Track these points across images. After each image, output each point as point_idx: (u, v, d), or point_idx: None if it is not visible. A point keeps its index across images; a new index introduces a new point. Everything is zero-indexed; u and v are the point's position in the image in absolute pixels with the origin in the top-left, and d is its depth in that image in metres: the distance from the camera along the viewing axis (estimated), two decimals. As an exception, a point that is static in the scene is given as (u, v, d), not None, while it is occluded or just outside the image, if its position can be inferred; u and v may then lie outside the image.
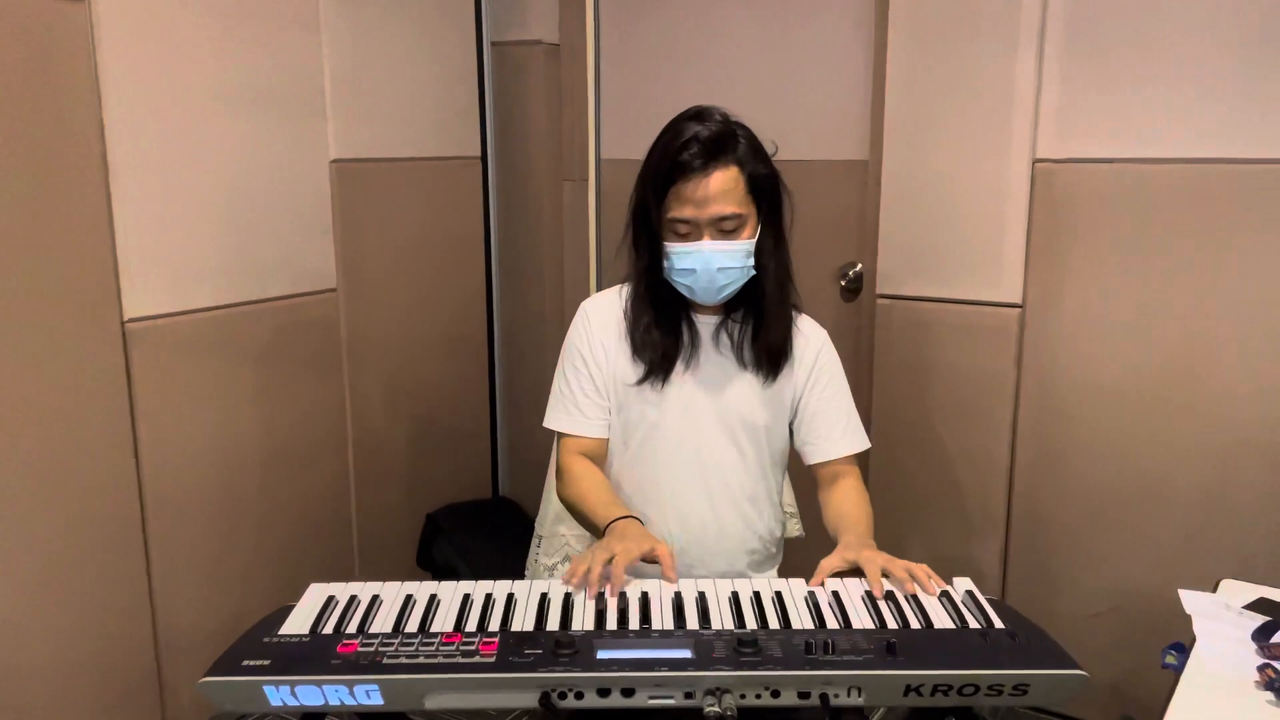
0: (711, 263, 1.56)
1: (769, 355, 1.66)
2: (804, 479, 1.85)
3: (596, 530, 1.61)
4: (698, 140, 1.54)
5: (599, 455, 1.74)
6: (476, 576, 1.46)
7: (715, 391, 1.68)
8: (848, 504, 1.68)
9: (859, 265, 2.56)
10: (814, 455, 1.73)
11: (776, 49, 2.60)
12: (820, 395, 1.72)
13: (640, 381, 1.67)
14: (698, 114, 1.60)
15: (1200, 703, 1.13)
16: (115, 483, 2.09)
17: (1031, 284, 2.24)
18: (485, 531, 2.88)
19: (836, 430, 1.72)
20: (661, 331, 1.65)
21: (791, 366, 1.70)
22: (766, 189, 1.59)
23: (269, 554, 2.41)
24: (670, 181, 1.54)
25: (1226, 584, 1.42)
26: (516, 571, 2.58)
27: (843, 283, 2.58)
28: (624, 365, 1.69)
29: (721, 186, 1.54)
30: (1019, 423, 2.30)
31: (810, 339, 1.73)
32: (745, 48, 2.64)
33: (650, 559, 1.46)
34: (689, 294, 1.62)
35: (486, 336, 2.99)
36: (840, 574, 1.48)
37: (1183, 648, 1.92)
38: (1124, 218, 2.11)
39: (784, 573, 1.85)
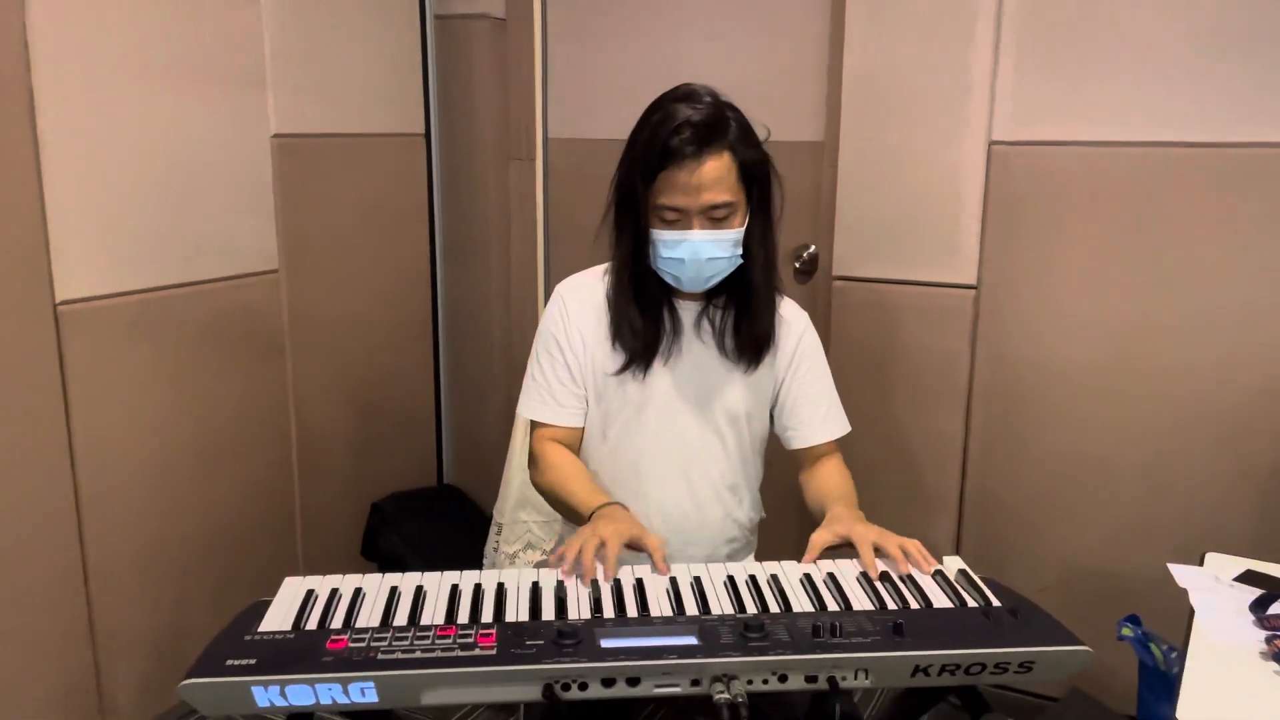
0: (700, 252, 1.51)
1: (753, 345, 1.64)
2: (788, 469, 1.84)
3: (577, 517, 1.57)
4: (690, 125, 1.47)
5: (573, 444, 1.69)
6: (425, 566, 1.41)
7: (697, 380, 1.65)
8: (832, 481, 1.68)
9: (813, 247, 2.56)
10: (796, 441, 1.72)
11: (731, 28, 2.58)
12: (802, 381, 1.71)
13: (620, 371, 1.63)
14: (688, 94, 1.54)
15: (1211, 674, 1.16)
16: (48, 473, 1.97)
17: (986, 266, 2.27)
18: (432, 520, 2.82)
19: (818, 416, 1.71)
20: (644, 320, 1.61)
21: (773, 353, 1.68)
22: (758, 175, 1.55)
23: (209, 545, 2.31)
24: (660, 167, 1.48)
25: (1212, 557, 1.45)
26: (468, 560, 2.53)
27: (797, 265, 2.58)
28: (603, 353, 1.65)
29: (714, 174, 1.48)
30: (973, 402, 2.33)
31: (792, 325, 1.71)
32: (699, 26, 2.61)
33: (638, 547, 1.43)
34: (674, 282, 1.58)
35: (431, 319, 2.92)
36: (832, 548, 1.47)
37: (1138, 620, 1.99)
38: (1077, 200, 2.15)
39: (757, 556, 1.85)
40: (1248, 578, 1.37)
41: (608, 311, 1.64)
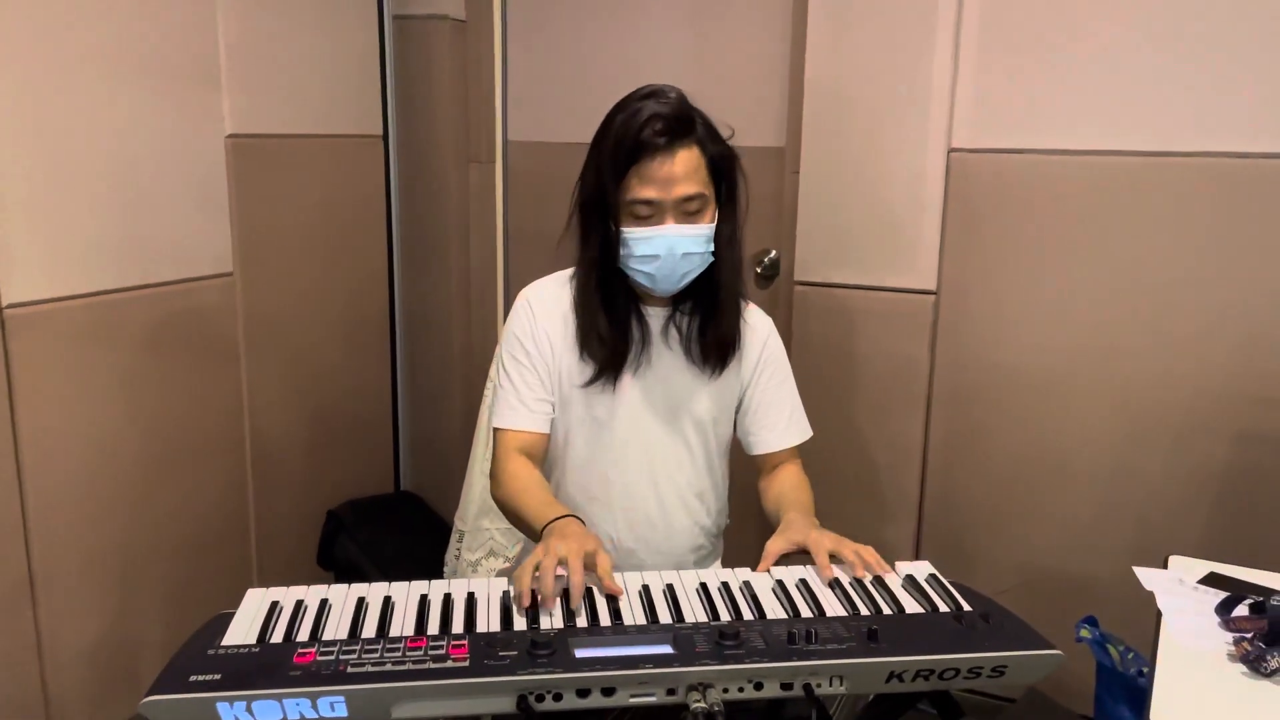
0: (676, 247, 1.50)
1: (718, 348, 1.63)
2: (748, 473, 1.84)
3: (532, 532, 1.54)
4: (660, 117, 1.48)
5: (539, 451, 1.66)
6: (383, 574, 1.39)
7: (664, 388, 1.64)
8: (788, 487, 1.68)
9: (774, 252, 2.57)
10: (758, 446, 1.72)
11: (692, 32, 2.58)
12: (766, 387, 1.71)
13: (590, 383, 1.61)
14: (653, 92, 1.54)
15: (1181, 676, 1.17)
16: (-6, 484, 1.91)
17: (945, 272, 2.29)
18: (389, 527, 2.78)
19: (781, 422, 1.71)
20: (612, 329, 1.59)
21: (739, 359, 1.67)
22: (725, 170, 1.55)
23: (162, 554, 2.25)
24: (632, 161, 1.48)
25: (1175, 560, 1.48)
26: (427, 568, 2.50)
27: (758, 269, 2.59)
28: (570, 360, 1.63)
29: (686, 166, 1.49)
30: (932, 407, 2.35)
31: (757, 330, 1.71)
32: (660, 30, 2.61)
33: (590, 564, 1.36)
34: (648, 282, 1.56)
35: (388, 324, 2.87)
36: (786, 554, 1.47)
37: (1095, 621, 2.01)
38: (1035, 207, 2.18)
39: (723, 563, 1.85)
40: (1212, 580, 1.40)
41: (574, 319, 1.62)
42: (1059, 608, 2.19)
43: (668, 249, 1.50)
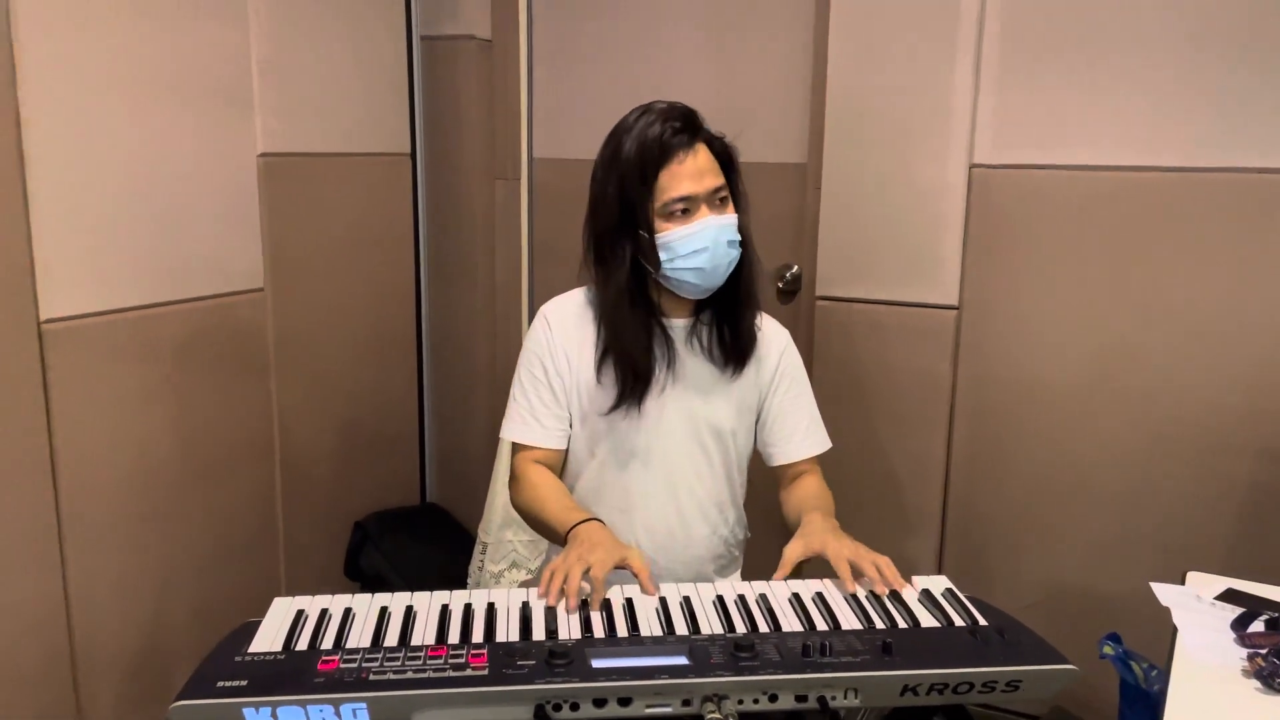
0: (721, 236, 1.55)
1: (737, 346, 1.66)
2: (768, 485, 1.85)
3: (554, 536, 1.57)
4: (673, 120, 1.56)
5: (555, 465, 1.70)
6: (408, 585, 1.42)
7: (687, 399, 1.66)
8: (809, 495, 1.69)
9: (796, 267, 2.58)
10: (778, 457, 1.73)
11: (715, 50, 2.61)
12: (784, 397, 1.73)
13: (614, 408, 1.63)
14: (648, 107, 1.61)
15: (1194, 692, 1.17)
16: (30, 491, 1.95)
17: (967, 287, 2.29)
18: (415, 539, 2.81)
19: (799, 433, 1.73)
20: (641, 351, 1.61)
21: (756, 368, 1.69)
22: (733, 165, 1.63)
23: (192, 564, 2.30)
24: (661, 165, 1.53)
25: (1193, 576, 1.48)
26: (452, 579, 2.53)
27: (780, 284, 2.60)
28: (588, 377, 1.65)
29: (708, 159, 1.57)
30: (954, 422, 2.36)
31: (773, 340, 1.73)
32: (683, 48, 2.64)
33: (623, 566, 1.43)
34: (696, 279, 1.57)
35: (415, 338, 2.91)
36: (804, 561, 1.48)
37: (1119, 639, 2.01)
38: (1056, 223, 2.18)
39: (743, 575, 1.86)
40: (1229, 596, 1.39)
41: (595, 337, 1.64)
42: (1082, 624, 2.19)
43: (713, 239, 1.55)
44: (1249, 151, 2.00)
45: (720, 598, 1.39)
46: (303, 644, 1.26)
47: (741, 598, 1.39)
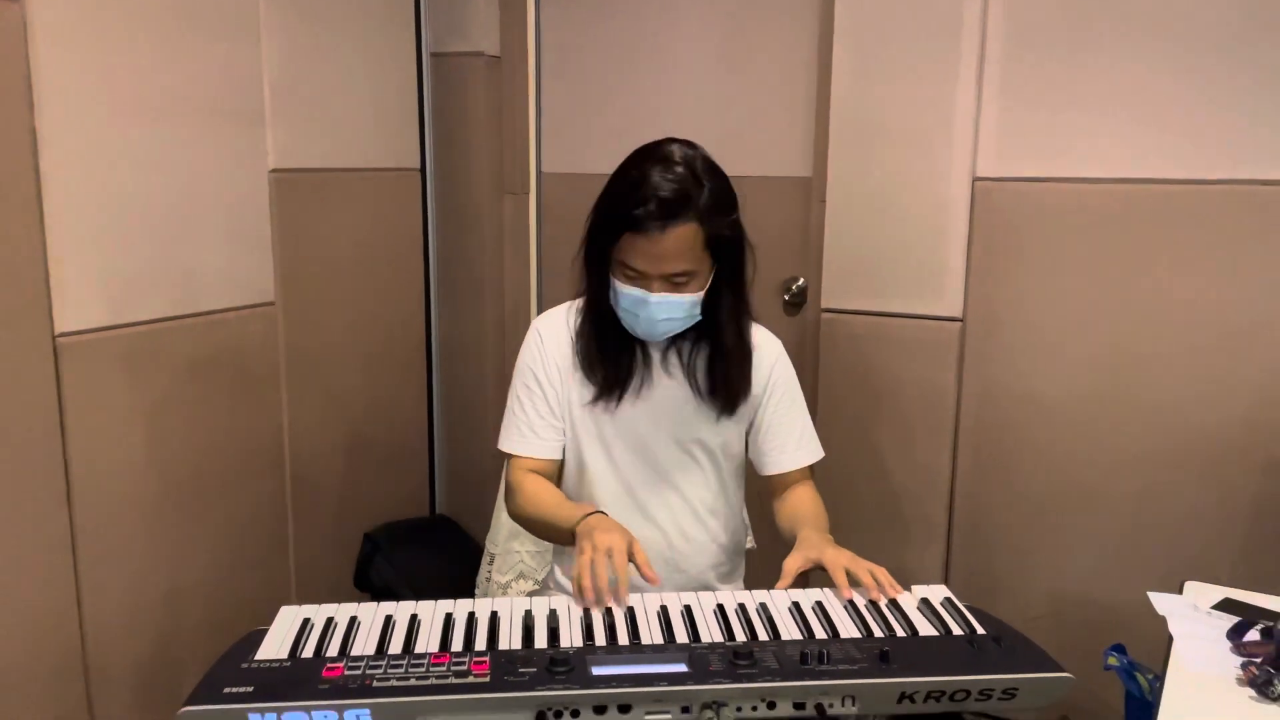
0: (655, 313, 1.54)
1: (727, 397, 1.66)
2: (752, 492, 1.87)
3: (560, 536, 1.60)
4: (657, 198, 1.48)
5: (551, 476, 1.72)
6: (417, 596, 1.43)
7: (669, 412, 1.67)
8: (802, 505, 1.70)
9: (802, 280, 2.60)
10: (769, 467, 1.75)
11: (721, 65, 2.63)
12: (776, 409, 1.73)
13: (594, 401, 1.65)
14: (664, 158, 1.55)
15: (1188, 699, 1.18)
16: (44, 504, 1.98)
17: (971, 299, 2.31)
18: (424, 550, 2.83)
19: (791, 443, 1.74)
20: (613, 354, 1.63)
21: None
22: (726, 243, 1.57)
23: (203, 575, 2.32)
24: (625, 229, 1.51)
25: (1191, 585, 1.48)
26: (460, 590, 2.55)
27: (786, 297, 2.62)
28: (577, 385, 1.68)
29: (677, 247, 1.50)
30: (959, 433, 2.37)
31: (765, 353, 1.72)
32: (689, 64, 2.67)
33: (631, 554, 1.44)
34: (634, 328, 1.60)
35: (425, 352, 2.94)
36: (804, 573, 1.49)
37: (1124, 649, 2.01)
38: (1060, 235, 2.20)
39: (745, 584, 1.87)
40: (1226, 605, 1.40)
41: (580, 334, 1.67)
42: (1088, 635, 2.19)
43: (647, 314, 1.55)
44: (1251, 163, 2.01)
45: (720, 606, 1.41)
46: (308, 651, 1.28)
47: (742, 606, 1.41)
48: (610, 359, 1.64)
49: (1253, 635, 1.29)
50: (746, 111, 2.61)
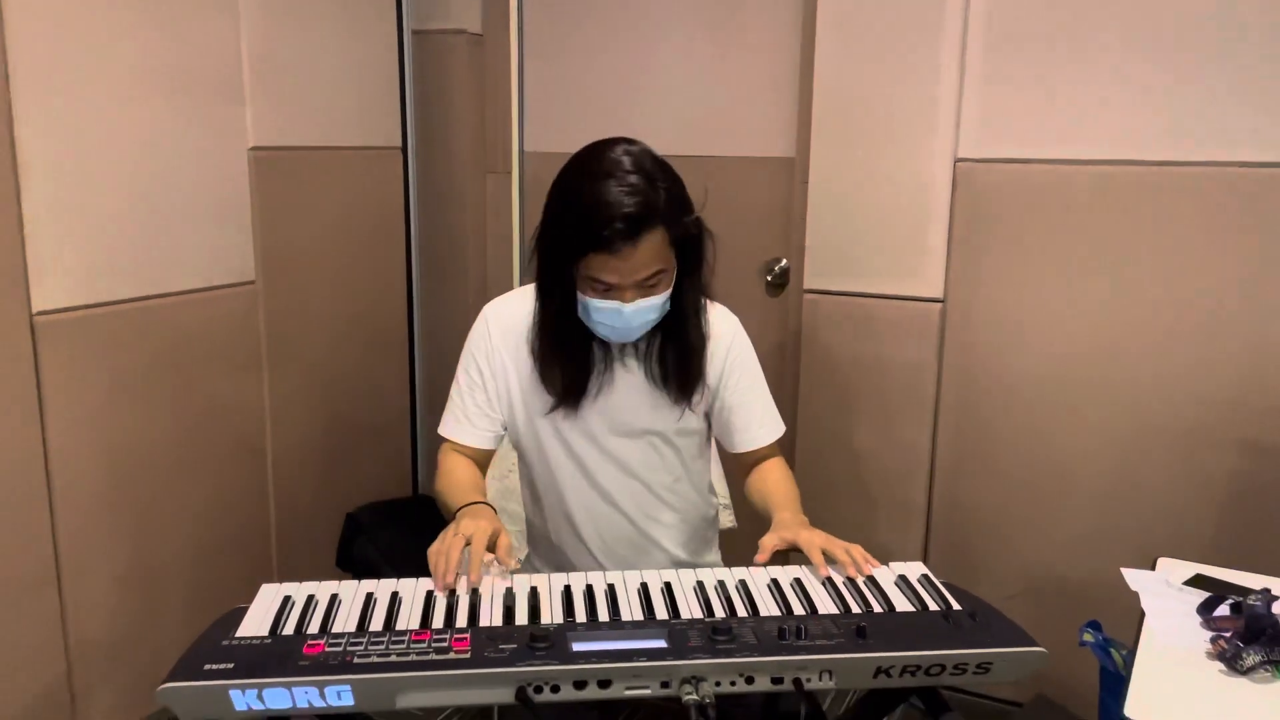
0: (632, 320, 1.53)
1: (682, 386, 1.65)
2: (731, 470, 1.88)
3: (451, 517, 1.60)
4: (623, 214, 1.44)
5: (482, 464, 1.74)
6: (399, 575, 1.44)
7: (629, 405, 1.67)
8: (772, 482, 1.71)
9: (784, 261, 2.61)
10: (737, 446, 1.75)
11: (705, 45, 2.63)
12: (735, 389, 1.71)
13: (551, 411, 1.64)
14: (613, 167, 1.48)
15: (1157, 673, 1.20)
16: (23, 482, 1.98)
17: (952, 280, 2.32)
18: (407, 530, 2.83)
19: (754, 421, 1.73)
20: (572, 363, 1.61)
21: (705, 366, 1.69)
22: (689, 240, 1.55)
23: (184, 556, 2.32)
24: (592, 249, 1.47)
25: (1164, 562, 1.50)
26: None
27: (769, 278, 2.63)
28: (531, 384, 1.66)
29: (647, 255, 1.48)
30: (940, 414, 2.38)
31: (720, 336, 1.70)
32: (673, 43, 2.66)
33: (492, 545, 1.44)
34: (607, 335, 1.59)
35: (407, 331, 2.94)
36: (780, 552, 1.50)
37: (1099, 626, 2.03)
38: (1040, 216, 2.21)
39: (725, 562, 1.88)
40: (1197, 581, 1.42)
41: (534, 343, 1.64)
42: (1064, 612, 2.21)
43: (625, 321, 1.53)
44: (1231, 146, 2.02)
45: (700, 583, 1.42)
46: (289, 629, 1.28)
47: (721, 583, 1.42)
48: (573, 366, 1.62)
49: (1223, 610, 1.31)
50: (730, 91, 2.61)
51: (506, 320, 1.68)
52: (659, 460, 1.72)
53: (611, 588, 1.40)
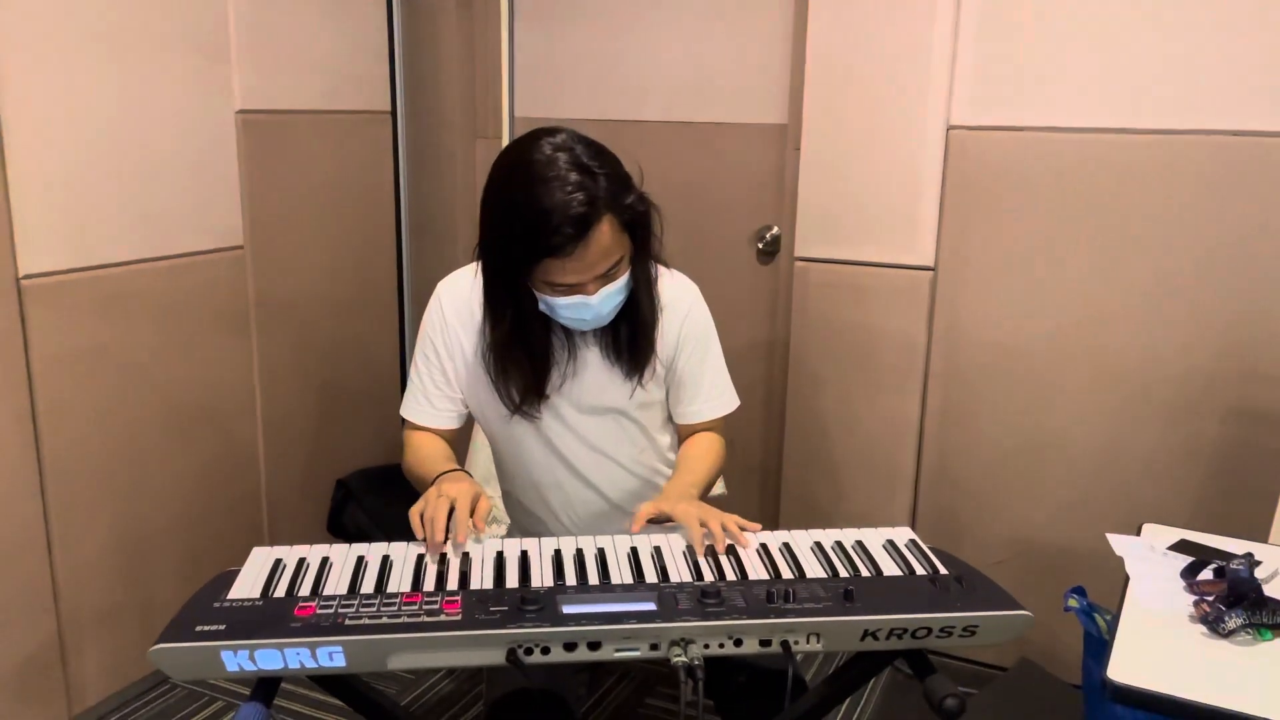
0: (601, 307, 1.51)
1: (635, 362, 1.63)
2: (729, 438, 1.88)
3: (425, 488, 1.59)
4: (569, 217, 1.39)
5: (450, 442, 1.74)
6: (390, 541, 1.44)
7: (589, 387, 1.66)
8: (688, 456, 1.71)
9: (775, 228, 2.60)
10: (680, 418, 1.75)
11: (697, 11, 2.60)
12: (687, 361, 1.70)
13: (516, 410, 1.63)
14: (547, 168, 1.41)
15: (1141, 636, 1.22)
16: (12, 449, 1.98)
17: (943, 248, 2.32)
18: (397, 496, 2.81)
19: (700, 395, 1.73)
20: (534, 365, 1.60)
21: (659, 340, 1.67)
22: (638, 220, 1.50)
23: (175, 521, 2.32)
24: (545, 256, 1.42)
25: (1149, 527, 1.52)
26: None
27: (760, 245, 2.62)
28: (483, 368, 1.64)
29: (600, 248, 1.44)
30: (929, 381, 2.39)
31: (675, 308, 1.67)
32: (664, 8, 2.64)
33: (473, 508, 1.45)
34: (578, 327, 1.57)
35: (397, 296, 2.93)
36: (654, 521, 1.49)
37: (1083, 591, 2.05)
38: (1032, 184, 2.21)
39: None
40: (1181, 546, 1.44)
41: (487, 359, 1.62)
42: (1050, 578, 2.24)
43: (594, 313, 1.52)
44: (1223, 114, 2.02)
45: (690, 548, 1.42)
46: (280, 591, 1.29)
47: (710, 548, 1.43)
48: (530, 369, 1.60)
49: (1206, 574, 1.32)
50: (723, 56, 2.59)
51: (459, 297, 1.66)
52: (625, 436, 1.72)
53: (601, 551, 1.41)
